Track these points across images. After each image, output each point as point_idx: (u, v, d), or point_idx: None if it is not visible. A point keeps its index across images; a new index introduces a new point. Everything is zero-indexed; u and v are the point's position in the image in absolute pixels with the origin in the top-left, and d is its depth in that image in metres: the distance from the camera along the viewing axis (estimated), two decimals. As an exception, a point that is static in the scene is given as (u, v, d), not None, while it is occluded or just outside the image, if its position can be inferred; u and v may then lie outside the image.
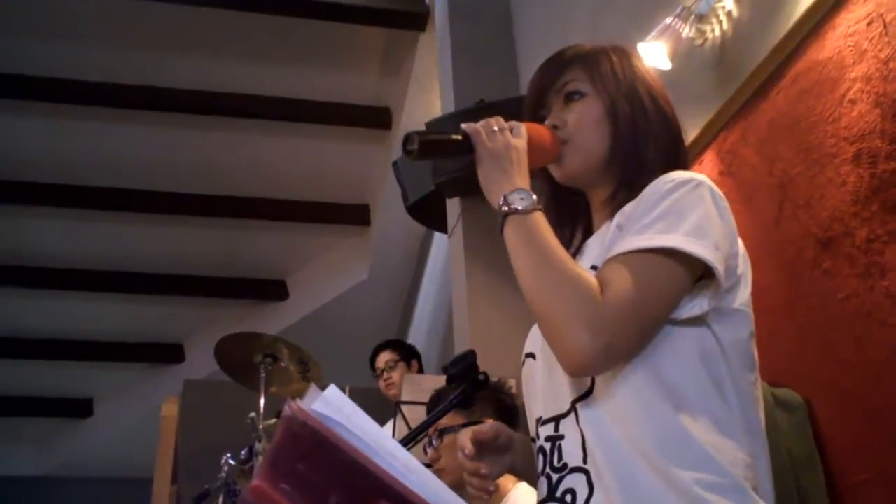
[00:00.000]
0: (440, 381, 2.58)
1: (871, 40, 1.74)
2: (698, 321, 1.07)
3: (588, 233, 1.29)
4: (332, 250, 7.04)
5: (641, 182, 1.13)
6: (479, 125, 1.18)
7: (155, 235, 6.52)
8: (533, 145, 1.19)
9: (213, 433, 4.01)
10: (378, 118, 5.86)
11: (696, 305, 1.05)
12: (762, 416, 1.10)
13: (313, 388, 0.64)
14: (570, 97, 1.24)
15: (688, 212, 1.05)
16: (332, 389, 0.63)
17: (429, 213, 4.09)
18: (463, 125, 1.18)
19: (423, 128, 3.76)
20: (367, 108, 5.82)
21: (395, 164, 4.16)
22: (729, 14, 2.26)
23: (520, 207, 1.10)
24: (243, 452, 3.42)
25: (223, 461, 3.43)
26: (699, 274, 1.04)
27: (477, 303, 3.45)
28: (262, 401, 3.48)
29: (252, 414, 3.40)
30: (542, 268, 1.05)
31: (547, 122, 1.24)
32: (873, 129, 1.71)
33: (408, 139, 1.15)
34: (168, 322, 7.33)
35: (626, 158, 1.19)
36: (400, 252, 6.61)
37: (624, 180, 1.18)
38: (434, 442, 2.02)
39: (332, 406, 0.62)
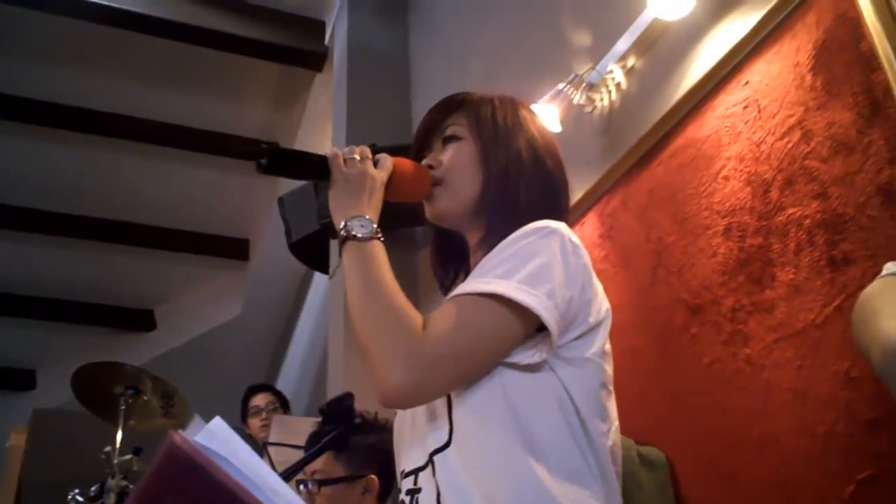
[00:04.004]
0: (310, 423, 2.53)
1: (746, 123, 1.86)
2: (545, 368, 1.07)
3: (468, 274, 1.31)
4: (205, 283, 6.84)
5: (510, 231, 1.13)
6: (342, 150, 1.20)
7: (11, 253, 6.15)
8: (399, 179, 1.23)
9: (62, 466, 3.79)
10: (257, 154, 5.77)
11: (536, 353, 1.06)
12: (615, 467, 1.11)
13: (197, 419, 0.62)
14: (448, 140, 1.28)
15: (530, 258, 1.07)
16: (217, 421, 0.61)
17: (311, 253, 4.05)
18: (326, 149, 1.21)
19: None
20: (256, 141, 5.74)
21: (280, 200, 4.11)
22: (618, 86, 2.37)
23: (357, 234, 1.12)
24: (93, 489, 3.23)
25: (70, 497, 3.23)
26: (538, 321, 1.05)
27: (354, 347, 3.41)
28: (119, 435, 3.31)
29: (107, 448, 3.22)
30: (367, 296, 1.06)
31: (424, 161, 1.28)
32: (744, 206, 1.82)
33: (260, 152, 1.16)
34: (20, 346, 6.90)
35: (495, 205, 1.21)
36: (276, 290, 6.49)
37: (492, 227, 1.19)
38: (310, 486, 1.97)
39: (217, 439, 0.60)
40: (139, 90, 5.27)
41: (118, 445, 3.28)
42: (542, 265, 1.06)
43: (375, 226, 1.14)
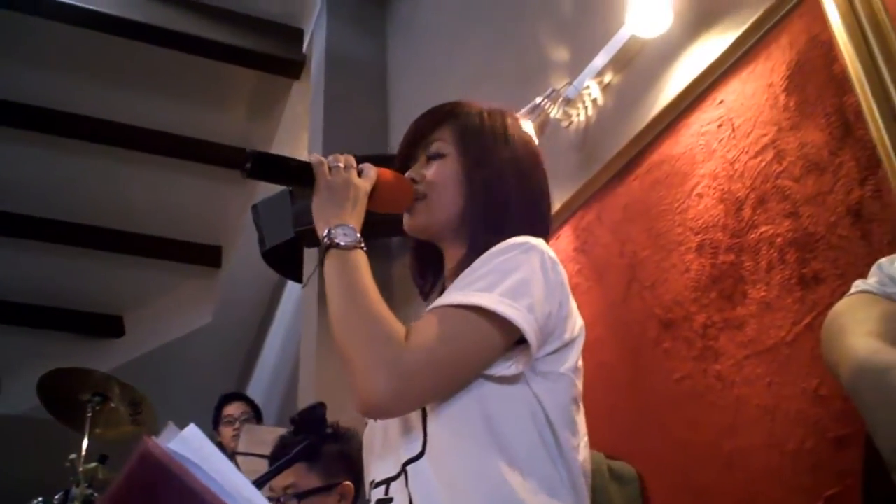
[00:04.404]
0: (279, 433, 2.51)
1: (720, 141, 1.88)
2: (520, 381, 1.09)
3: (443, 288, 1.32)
4: (176, 290, 6.77)
5: (491, 246, 1.14)
6: (326, 158, 1.20)
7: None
8: (382, 190, 1.23)
9: (25, 474, 3.73)
10: (242, 159, 5.74)
11: (512, 365, 1.07)
12: (585, 480, 1.13)
13: (171, 425, 0.61)
14: (433, 156, 1.28)
15: (511, 273, 1.08)
16: (192, 429, 0.61)
17: (285, 261, 4.03)
18: (310, 155, 1.21)
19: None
20: (232, 148, 5.71)
21: (254, 207, 4.09)
22: (594, 101, 2.39)
23: (341, 242, 1.12)
24: (57, 497, 3.19)
25: (33, 505, 3.18)
26: (517, 334, 1.06)
27: (326, 357, 3.40)
28: (84, 442, 3.27)
29: (73, 455, 3.18)
30: (350, 305, 1.06)
31: (408, 173, 1.28)
32: (716, 223, 1.84)
33: (245, 157, 1.15)
34: (-16, 351, 6.79)
35: (478, 224, 1.22)
36: (248, 298, 6.45)
37: (474, 245, 1.20)
38: (284, 501, 1.94)
39: (190, 446, 0.59)
40: (112, 93, 5.23)
41: (83, 453, 3.23)
42: (523, 280, 1.07)
43: (359, 235, 1.14)
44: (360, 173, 1.21)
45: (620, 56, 2.27)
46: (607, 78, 2.35)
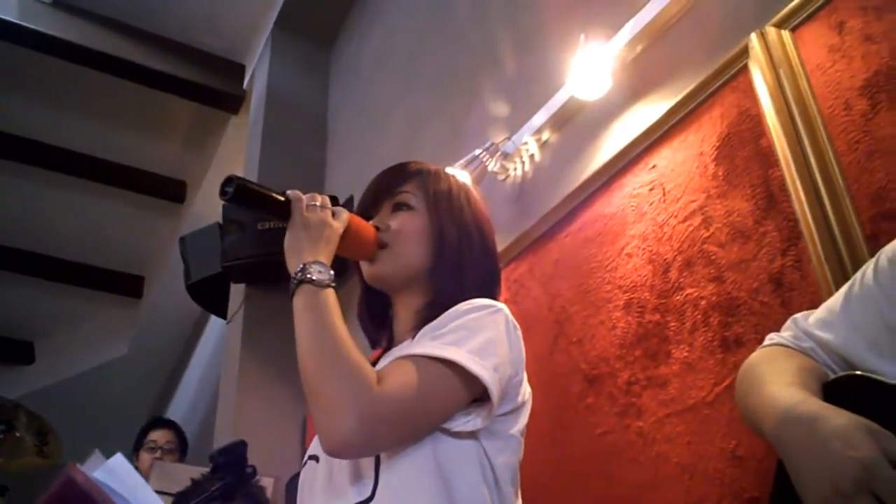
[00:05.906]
0: (192, 471, 2.44)
1: (651, 204, 1.94)
2: (473, 438, 1.11)
3: (392, 337, 1.33)
4: (93, 318, 6.57)
5: (453, 302, 1.18)
6: (304, 195, 1.21)
7: None
8: (351, 235, 1.24)
9: (-85, 504, 3.51)
10: (172, 190, 5.68)
11: (470, 422, 1.10)
12: None
13: (96, 454, 0.60)
14: (399, 206, 1.31)
15: (479, 332, 1.11)
16: (118, 458, 0.59)
17: (210, 296, 3.97)
18: (289, 191, 1.21)
19: (218, 206, 3.69)
20: (163, 178, 5.63)
21: (182, 239, 4.03)
22: (532, 157, 2.45)
23: (315, 278, 1.12)
24: (-52, 530, 3.02)
25: (-78, 538, 3.01)
26: (479, 391, 1.09)
27: (247, 395, 3.33)
28: (-17, 473, 3.12)
29: (-31, 486, 3.02)
30: (322, 344, 1.06)
31: (372, 221, 1.31)
32: (644, 283, 1.89)
33: (228, 180, 1.16)
34: None
35: (446, 281, 1.26)
36: (168, 331, 6.29)
37: (437, 300, 1.23)
38: None
39: (116, 476, 0.58)
40: (40, 113, 5.10)
41: (-19, 484, 3.08)
42: (490, 340, 1.11)
43: (332, 273, 1.15)
44: (332, 215, 1.22)
45: (559, 115, 2.34)
46: (545, 135, 2.40)
